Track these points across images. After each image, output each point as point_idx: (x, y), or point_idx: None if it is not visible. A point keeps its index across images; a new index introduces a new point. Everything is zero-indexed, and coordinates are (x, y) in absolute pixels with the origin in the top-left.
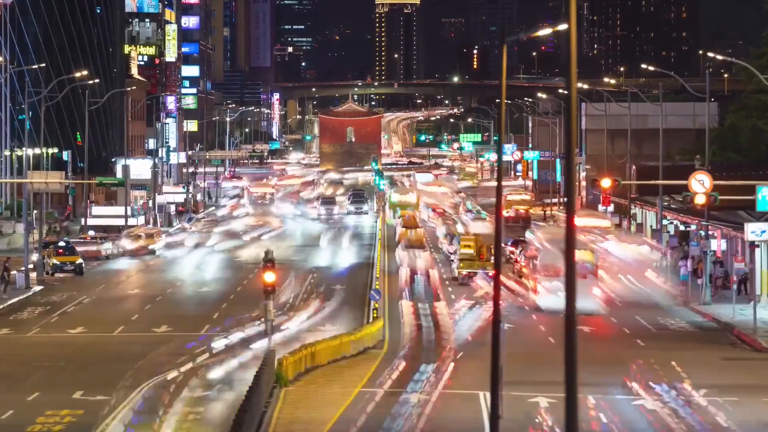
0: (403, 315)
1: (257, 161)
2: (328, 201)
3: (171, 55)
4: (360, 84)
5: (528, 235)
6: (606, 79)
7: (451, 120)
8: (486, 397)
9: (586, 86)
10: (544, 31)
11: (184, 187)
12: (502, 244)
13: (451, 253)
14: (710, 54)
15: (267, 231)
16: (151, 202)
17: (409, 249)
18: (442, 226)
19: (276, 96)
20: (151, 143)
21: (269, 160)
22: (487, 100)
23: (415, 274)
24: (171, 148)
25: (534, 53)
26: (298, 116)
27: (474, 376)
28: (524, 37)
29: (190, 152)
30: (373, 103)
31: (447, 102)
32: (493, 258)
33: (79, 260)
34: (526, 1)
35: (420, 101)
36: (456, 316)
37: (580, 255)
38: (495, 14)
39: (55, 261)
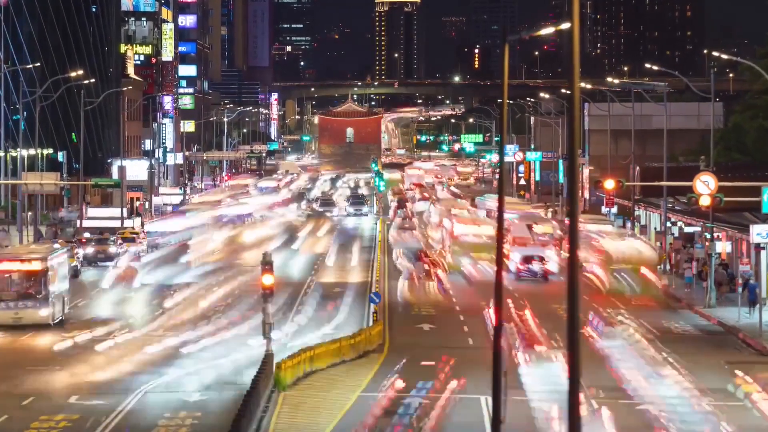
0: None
1: (255, 164)
2: (327, 202)
3: (168, 55)
4: (360, 84)
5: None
6: (609, 79)
7: (452, 120)
8: (487, 401)
9: (589, 86)
10: (547, 30)
11: (180, 189)
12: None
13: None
14: (715, 53)
15: None
16: (147, 203)
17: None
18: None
19: (274, 96)
20: (148, 144)
21: (269, 161)
22: (488, 100)
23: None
24: (168, 149)
25: (536, 53)
26: (296, 116)
27: (475, 379)
28: (526, 36)
29: (187, 153)
30: (373, 103)
31: (448, 102)
32: None
33: (74, 263)
34: None
35: (420, 101)
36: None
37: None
38: (496, 13)
39: None
